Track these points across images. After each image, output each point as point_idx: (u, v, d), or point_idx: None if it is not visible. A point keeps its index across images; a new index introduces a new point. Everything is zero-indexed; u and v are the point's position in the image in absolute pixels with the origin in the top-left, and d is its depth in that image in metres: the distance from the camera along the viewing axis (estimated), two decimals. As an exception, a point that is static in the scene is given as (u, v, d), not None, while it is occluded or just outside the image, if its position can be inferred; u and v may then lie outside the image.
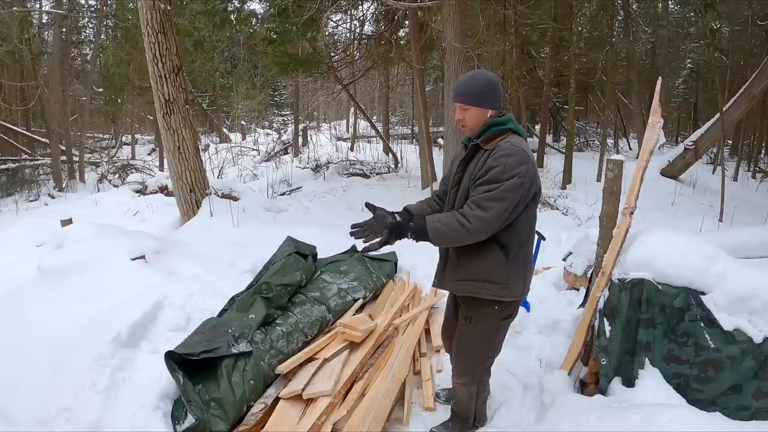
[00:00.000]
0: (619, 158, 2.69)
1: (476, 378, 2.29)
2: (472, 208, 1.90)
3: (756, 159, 12.03)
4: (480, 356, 2.23)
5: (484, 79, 2.04)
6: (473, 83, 2.02)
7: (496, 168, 1.90)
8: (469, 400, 2.35)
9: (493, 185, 1.88)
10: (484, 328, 2.14)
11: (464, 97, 2.03)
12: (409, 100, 16.48)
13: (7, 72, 12.60)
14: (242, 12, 8.73)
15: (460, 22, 5.67)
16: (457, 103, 2.07)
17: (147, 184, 8.83)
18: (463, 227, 1.89)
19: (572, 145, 9.19)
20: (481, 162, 1.98)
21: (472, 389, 2.31)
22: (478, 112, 2.03)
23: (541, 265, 4.17)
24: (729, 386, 2.34)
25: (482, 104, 2.03)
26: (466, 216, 1.89)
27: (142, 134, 19.36)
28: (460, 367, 2.28)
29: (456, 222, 1.90)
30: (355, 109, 16.14)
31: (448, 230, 1.92)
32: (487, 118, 2.04)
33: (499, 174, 1.88)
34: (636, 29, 13.08)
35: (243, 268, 3.76)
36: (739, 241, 4.22)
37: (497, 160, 1.91)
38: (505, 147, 1.93)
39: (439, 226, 1.94)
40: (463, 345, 2.23)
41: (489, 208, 1.87)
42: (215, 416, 2.25)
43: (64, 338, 2.65)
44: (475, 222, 1.88)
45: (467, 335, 2.19)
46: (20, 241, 4.86)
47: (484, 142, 2.01)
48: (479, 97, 2.02)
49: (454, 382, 2.35)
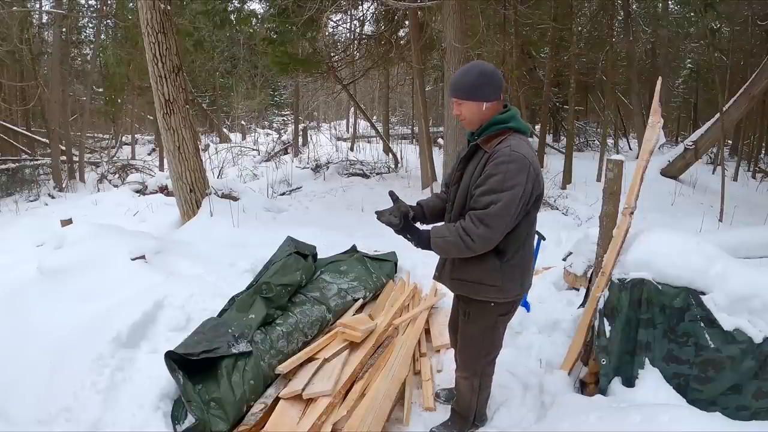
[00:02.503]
0: (619, 158, 2.69)
1: (478, 372, 2.30)
2: (476, 224, 1.87)
3: (756, 159, 12.03)
4: (480, 350, 2.25)
5: (478, 71, 1.96)
6: (466, 76, 1.97)
7: (495, 176, 1.85)
8: (471, 395, 2.35)
9: (494, 196, 1.85)
10: (482, 324, 2.17)
11: (458, 92, 1.99)
12: (409, 100, 16.49)
13: (7, 72, 12.60)
14: (242, 12, 8.73)
15: (460, 22, 5.67)
16: (452, 97, 2.04)
17: (147, 184, 8.83)
18: (465, 245, 1.89)
19: (572, 145, 9.19)
20: (480, 165, 1.94)
21: (474, 382, 2.32)
22: (473, 106, 1.98)
23: (541, 265, 4.17)
24: (729, 386, 2.34)
25: (476, 97, 1.96)
26: (469, 233, 1.87)
27: (142, 134, 19.36)
28: (463, 360, 2.32)
29: (459, 239, 1.89)
30: (355, 109, 16.14)
31: (450, 247, 1.94)
32: (483, 111, 1.98)
33: (499, 184, 1.84)
34: (636, 29, 13.08)
35: (243, 268, 3.76)
36: (739, 241, 4.22)
37: (497, 167, 1.86)
38: (505, 153, 1.87)
39: (441, 243, 1.96)
40: (464, 339, 2.27)
41: (492, 225, 1.85)
42: (215, 416, 2.25)
43: (64, 338, 2.66)
44: (479, 240, 1.88)
45: (466, 330, 2.23)
46: (20, 241, 4.87)
47: (484, 143, 1.97)
48: (472, 91, 1.96)
49: (458, 376, 2.38)
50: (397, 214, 2.03)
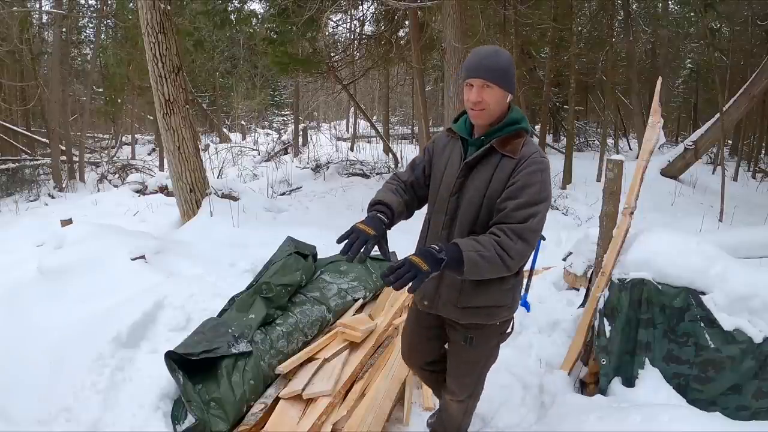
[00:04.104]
0: (619, 158, 2.69)
1: (477, 393, 2.09)
2: (514, 240, 1.57)
3: (756, 159, 12.03)
4: (483, 372, 2.01)
5: (507, 56, 1.67)
6: (499, 58, 1.64)
7: (533, 187, 1.60)
8: (463, 417, 2.15)
9: (533, 209, 1.60)
10: (486, 347, 1.91)
11: (489, 72, 1.62)
12: (409, 100, 16.49)
13: (7, 72, 12.59)
14: (242, 12, 8.73)
15: (460, 22, 5.67)
16: (479, 78, 1.63)
17: (147, 184, 8.83)
18: (504, 263, 1.57)
19: (572, 145, 9.19)
20: (503, 173, 1.65)
21: (470, 404, 2.10)
22: (500, 94, 1.65)
23: (541, 265, 4.16)
24: (729, 386, 2.34)
25: (508, 85, 1.66)
26: (507, 250, 1.57)
27: (142, 134, 19.35)
28: (462, 386, 2.00)
29: (496, 256, 1.56)
30: (355, 109, 16.14)
31: (486, 265, 1.56)
32: (505, 105, 1.69)
33: (536, 195, 1.61)
34: (636, 29, 13.07)
35: (243, 268, 3.77)
36: (739, 241, 4.22)
37: (532, 176, 1.61)
38: (537, 159, 1.63)
39: (477, 259, 1.54)
40: (463, 367, 1.96)
41: (531, 240, 1.61)
42: (215, 416, 2.25)
43: (64, 338, 2.66)
44: (517, 257, 1.59)
45: (467, 357, 1.92)
46: (20, 241, 4.86)
47: (501, 146, 1.67)
48: (506, 77, 1.65)
49: (449, 399, 2.07)
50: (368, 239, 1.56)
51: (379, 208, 1.72)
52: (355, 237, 1.56)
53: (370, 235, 1.57)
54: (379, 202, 1.75)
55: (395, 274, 1.45)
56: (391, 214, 1.73)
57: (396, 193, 1.84)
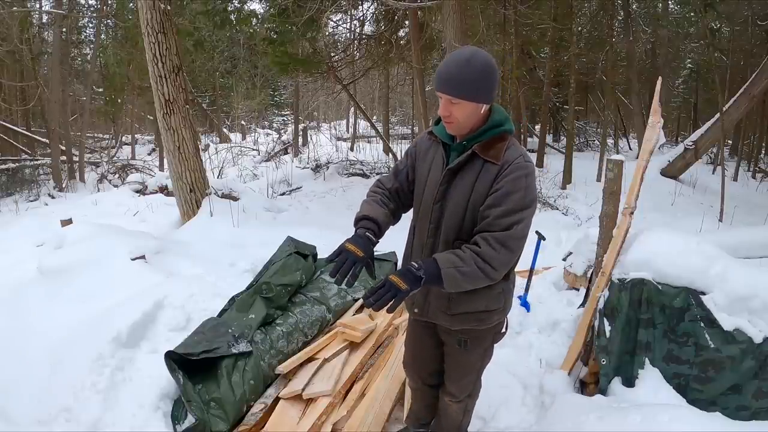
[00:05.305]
0: (619, 158, 2.69)
1: (476, 392, 2.12)
2: (496, 248, 1.56)
3: (756, 159, 12.04)
4: (480, 371, 2.03)
5: (482, 63, 1.55)
6: (468, 69, 1.53)
7: (516, 194, 1.57)
8: (463, 416, 2.17)
9: (517, 216, 1.57)
10: (481, 348, 1.92)
11: (455, 89, 1.55)
12: (409, 100, 16.47)
13: (7, 72, 12.60)
14: (242, 12, 8.73)
15: (460, 22, 5.67)
16: (445, 94, 1.57)
17: (147, 184, 8.83)
18: (485, 274, 1.56)
19: (572, 145, 9.20)
20: (486, 179, 1.61)
21: (469, 403, 2.14)
22: (471, 108, 1.58)
23: (541, 265, 4.16)
24: (729, 386, 2.34)
25: (478, 98, 1.57)
26: (488, 261, 1.55)
27: (142, 134, 19.35)
28: (460, 387, 2.02)
29: (477, 270, 1.55)
30: (355, 109, 16.14)
31: (466, 279, 1.56)
32: (479, 114, 1.61)
33: (521, 202, 1.57)
34: (636, 29, 13.08)
35: (243, 268, 3.77)
36: (739, 241, 4.22)
37: (516, 182, 1.57)
38: (521, 164, 1.59)
39: (456, 275, 1.54)
40: (460, 369, 1.98)
41: (515, 247, 1.59)
42: (215, 416, 2.25)
43: (64, 338, 2.66)
44: (500, 267, 1.58)
45: (463, 360, 1.94)
46: (20, 241, 4.85)
47: (483, 150, 1.62)
48: (476, 89, 1.55)
49: (448, 401, 2.09)
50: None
51: (367, 225, 1.71)
52: (344, 259, 1.56)
53: (359, 257, 1.57)
54: (365, 218, 1.73)
55: (375, 296, 1.48)
56: (378, 230, 1.72)
57: (381, 204, 1.80)
